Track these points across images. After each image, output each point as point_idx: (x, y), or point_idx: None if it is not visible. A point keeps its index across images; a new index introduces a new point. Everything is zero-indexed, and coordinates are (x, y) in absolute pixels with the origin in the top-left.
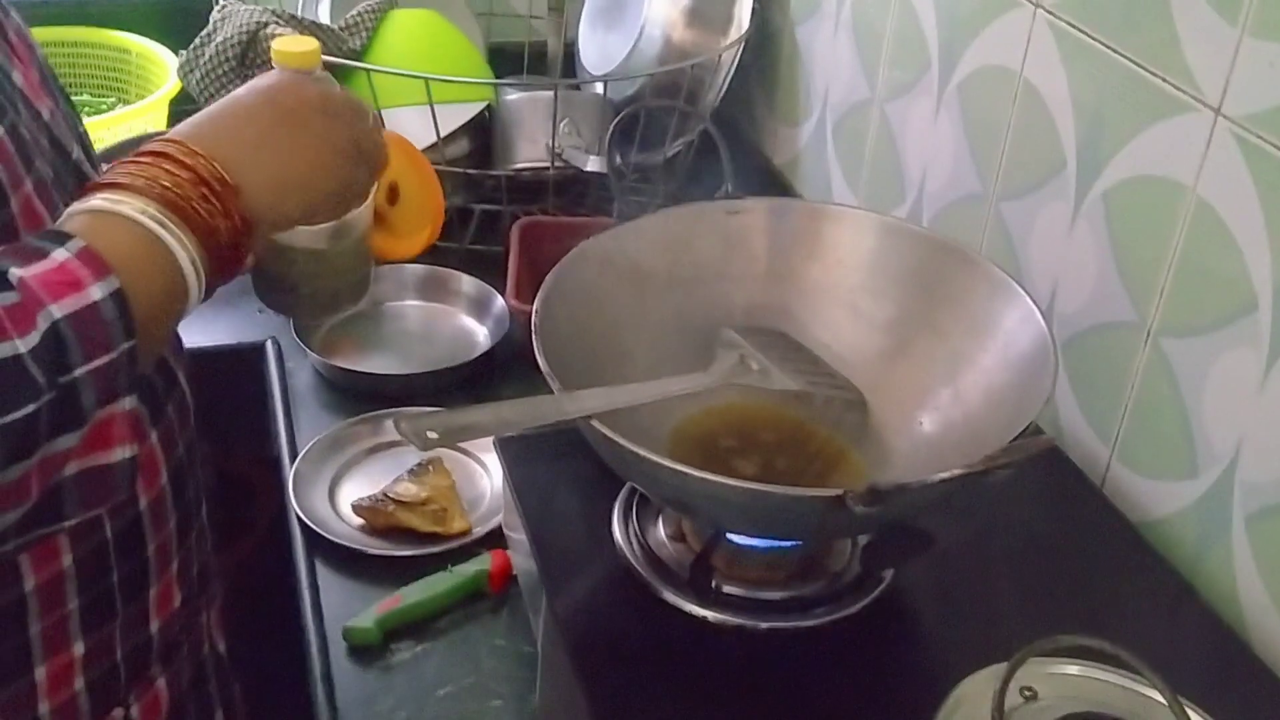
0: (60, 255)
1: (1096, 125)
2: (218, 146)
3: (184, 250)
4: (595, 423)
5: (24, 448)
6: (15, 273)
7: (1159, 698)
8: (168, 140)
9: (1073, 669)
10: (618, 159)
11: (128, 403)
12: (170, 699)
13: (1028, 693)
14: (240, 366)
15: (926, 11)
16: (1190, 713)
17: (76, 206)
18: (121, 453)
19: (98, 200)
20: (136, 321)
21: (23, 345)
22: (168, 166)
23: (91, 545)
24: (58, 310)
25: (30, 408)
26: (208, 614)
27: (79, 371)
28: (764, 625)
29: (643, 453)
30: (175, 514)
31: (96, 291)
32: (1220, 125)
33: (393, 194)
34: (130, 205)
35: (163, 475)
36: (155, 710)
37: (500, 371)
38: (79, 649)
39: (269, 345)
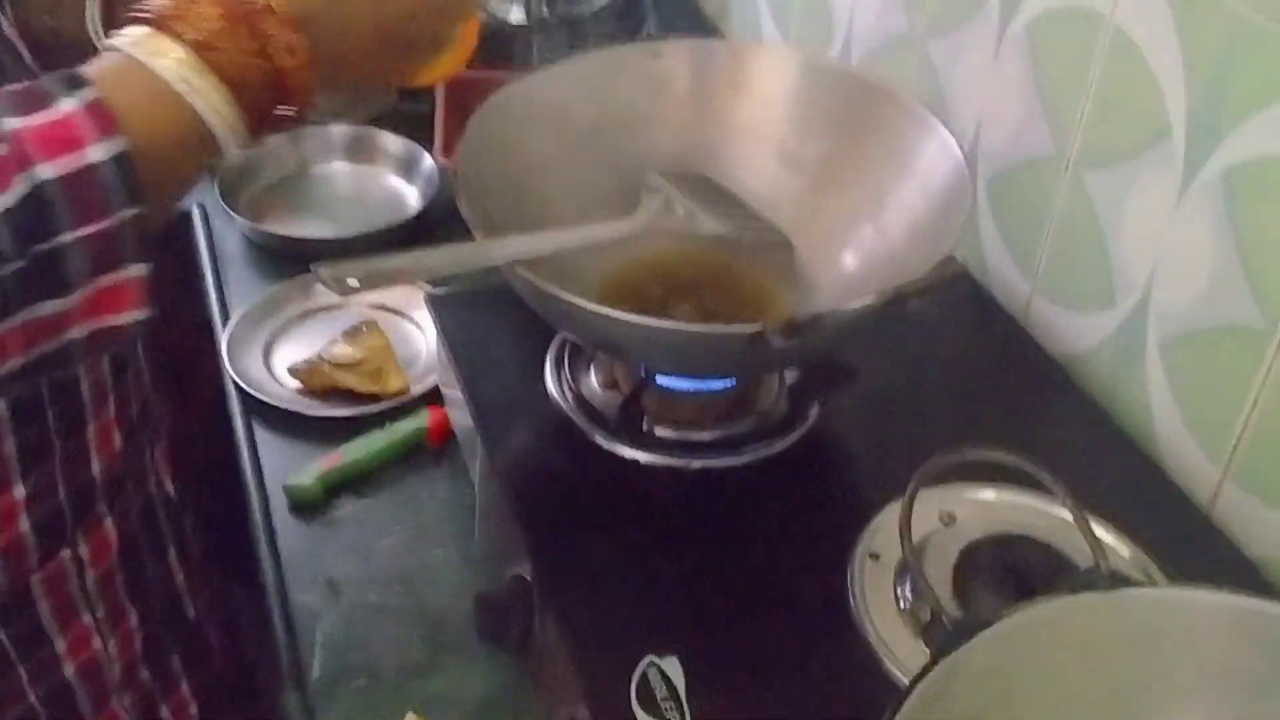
0: (66, 106)
1: None
2: None
3: (217, 114)
4: (521, 270)
5: None
6: (10, 123)
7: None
8: None
9: (989, 494)
10: (543, 10)
11: (136, 269)
12: (119, 537)
13: (946, 518)
14: (167, 233)
15: None
16: (1097, 528)
17: (110, 41)
18: (132, 315)
19: (128, 42)
20: (144, 186)
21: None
22: (232, 22)
23: None
24: (46, 170)
25: None
26: (152, 453)
27: (65, 238)
28: (695, 465)
29: (569, 297)
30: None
31: (96, 152)
32: None
33: None
34: (164, 58)
35: None
36: (105, 549)
37: (433, 232)
38: (19, 491)
39: (195, 210)
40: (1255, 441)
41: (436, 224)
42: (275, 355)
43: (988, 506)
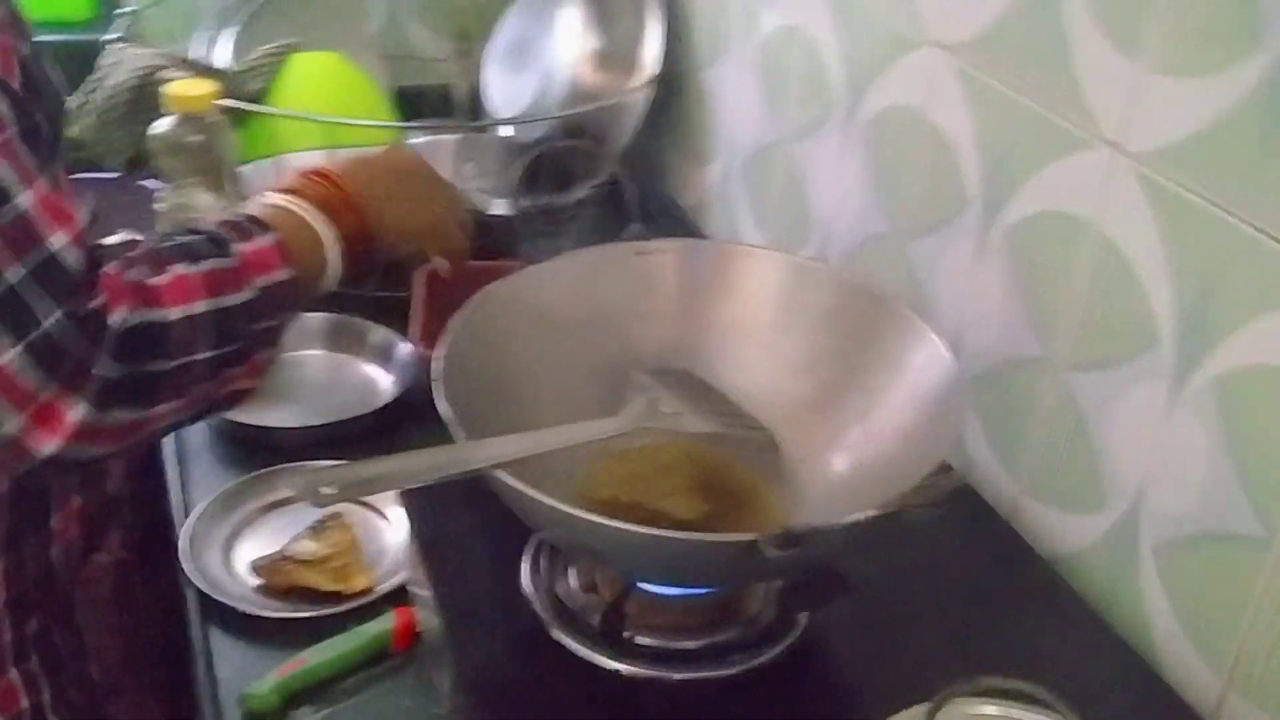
0: (264, 241)
1: (999, 162)
2: (363, 194)
3: (335, 245)
4: (501, 473)
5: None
6: (237, 246)
7: None
8: (330, 176)
9: (992, 709)
10: (526, 202)
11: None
12: None
13: None
14: None
15: (830, 52)
16: None
17: (268, 199)
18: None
19: (284, 200)
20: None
21: (238, 299)
22: (334, 192)
23: None
24: (261, 281)
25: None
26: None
27: (261, 326)
28: (678, 676)
29: (551, 502)
30: None
31: (283, 274)
32: (1120, 161)
33: None
34: (307, 210)
35: None
36: None
37: (408, 421)
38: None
39: None
40: (1258, 653)
41: (410, 412)
42: (236, 551)
43: None
